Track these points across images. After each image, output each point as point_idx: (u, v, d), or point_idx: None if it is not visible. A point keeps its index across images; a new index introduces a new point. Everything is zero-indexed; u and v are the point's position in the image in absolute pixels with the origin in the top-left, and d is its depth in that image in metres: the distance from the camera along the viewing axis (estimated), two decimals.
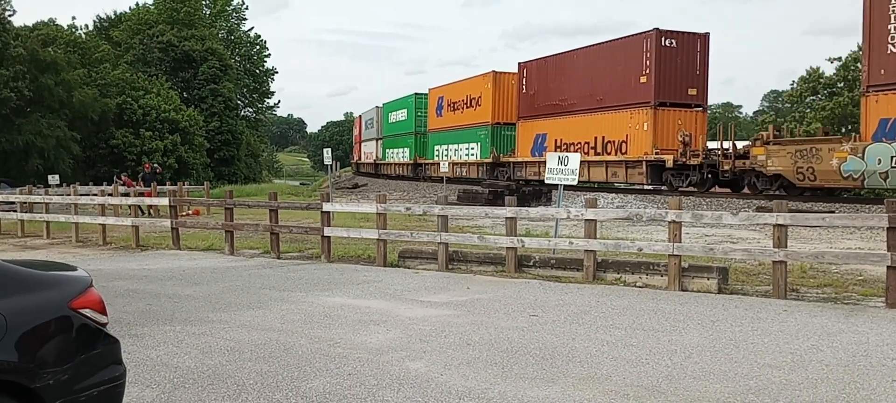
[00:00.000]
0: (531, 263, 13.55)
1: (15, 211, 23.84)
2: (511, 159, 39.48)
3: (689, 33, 30.59)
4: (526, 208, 15.20)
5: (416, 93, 52.92)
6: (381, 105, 60.57)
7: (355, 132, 77.33)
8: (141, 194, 29.62)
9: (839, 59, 44.88)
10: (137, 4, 77.99)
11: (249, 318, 9.51)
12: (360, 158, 70.15)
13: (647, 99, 29.93)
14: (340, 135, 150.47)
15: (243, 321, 9.34)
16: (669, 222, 11.90)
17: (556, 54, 36.83)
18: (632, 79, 30.75)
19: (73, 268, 5.15)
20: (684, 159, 28.57)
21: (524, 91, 38.41)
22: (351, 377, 6.80)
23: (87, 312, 4.63)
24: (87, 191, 31.97)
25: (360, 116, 72.48)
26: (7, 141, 47.15)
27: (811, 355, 7.51)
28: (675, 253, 11.66)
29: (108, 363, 4.76)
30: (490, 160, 40.49)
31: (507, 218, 13.84)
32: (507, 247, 13.62)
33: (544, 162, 31.22)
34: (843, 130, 37.07)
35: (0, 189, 27.61)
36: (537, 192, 32.23)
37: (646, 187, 32.42)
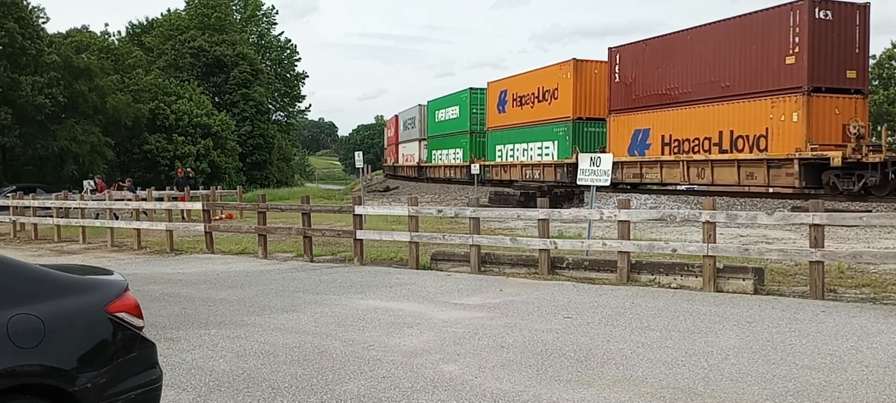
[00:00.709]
0: (564, 265, 13.47)
1: (51, 216, 24.17)
2: None
3: (845, 2, 25.29)
4: (558, 210, 15.12)
5: (470, 88, 48.66)
6: (425, 103, 58.00)
7: (389, 134, 76.63)
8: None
9: None
10: (169, 10, 78.85)
11: (283, 321, 9.54)
12: (396, 161, 68.39)
13: (797, 83, 24.78)
14: (371, 138, 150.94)
15: (277, 324, 9.38)
16: (704, 223, 11.77)
17: (658, 36, 31.70)
18: (773, 60, 25.64)
19: (109, 272, 5.18)
20: (859, 156, 23.12)
21: (617, 80, 33.24)
22: (385, 380, 6.79)
23: (124, 316, 4.66)
24: (121, 197, 32.31)
25: (395, 117, 71.04)
26: (42, 147, 47.82)
27: (850, 356, 7.38)
28: (709, 253, 11.52)
29: (145, 366, 4.78)
30: (571, 160, 33.96)
31: (539, 219, 13.77)
32: (539, 249, 13.55)
33: (647, 161, 31.03)
34: None
35: (36, 195, 27.95)
36: (569, 194, 32.09)
37: (801, 191, 25.99)
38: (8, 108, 44.68)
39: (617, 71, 33.23)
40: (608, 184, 15.23)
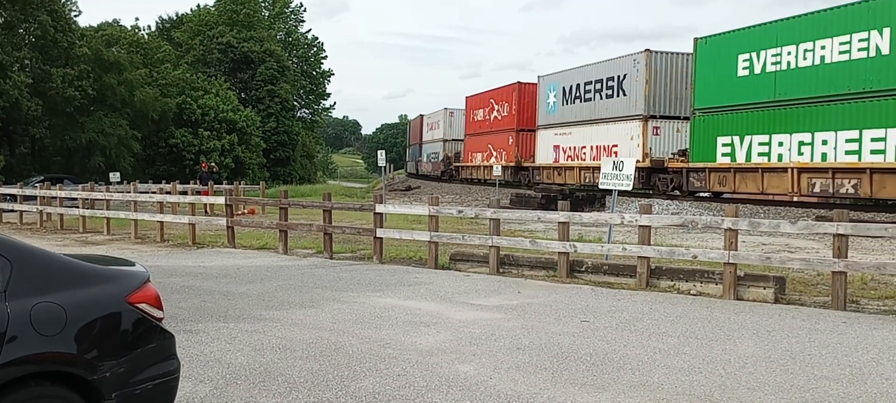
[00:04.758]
0: (583, 268, 13.44)
1: (77, 207, 24.44)
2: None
3: None
4: (578, 213, 15.07)
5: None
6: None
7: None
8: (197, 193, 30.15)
9: None
10: (198, 6, 79.49)
11: (301, 317, 9.61)
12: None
13: None
14: (394, 137, 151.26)
15: (295, 319, 9.44)
16: (726, 229, 11.70)
17: None
18: None
19: (131, 264, 5.25)
20: None
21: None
22: (400, 378, 6.82)
23: (144, 307, 4.72)
24: (146, 189, 32.68)
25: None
26: (71, 138, 48.43)
27: (871, 368, 7.32)
28: (730, 261, 11.46)
29: (163, 357, 4.84)
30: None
31: (559, 222, 13.75)
32: (559, 252, 13.53)
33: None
34: None
35: (63, 185, 28.27)
36: (591, 197, 31.94)
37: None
38: (38, 100, 45.27)
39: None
40: (630, 188, 15.16)
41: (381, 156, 30.31)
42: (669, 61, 32.76)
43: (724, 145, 28.04)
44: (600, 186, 15.50)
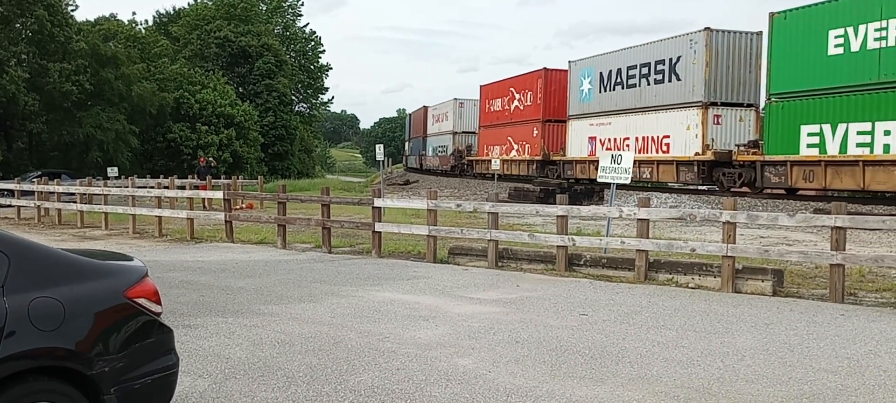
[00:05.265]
0: (582, 262, 13.44)
1: (75, 202, 24.42)
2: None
3: None
4: (577, 206, 15.09)
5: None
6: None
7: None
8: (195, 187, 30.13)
9: None
10: (195, 0, 79.31)
11: (300, 311, 9.61)
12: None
13: None
14: (393, 131, 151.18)
15: (294, 314, 9.44)
16: (724, 223, 11.70)
17: None
18: None
19: (130, 259, 5.24)
20: None
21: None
22: (399, 372, 6.83)
23: (143, 301, 4.72)
24: (144, 184, 32.64)
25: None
26: (68, 133, 48.37)
27: (868, 360, 7.33)
28: (728, 254, 11.46)
29: (162, 352, 4.84)
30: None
31: (557, 216, 13.75)
32: (557, 246, 13.53)
33: None
34: None
35: (61, 180, 28.24)
36: (589, 191, 31.95)
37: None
38: (35, 95, 45.22)
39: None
40: (629, 182, 15.12)
41: (379, 150, 30.39)
42: (732, 41, 29.40)
43: (810, 135, 24.35)
44: (599, 180, 15.49)
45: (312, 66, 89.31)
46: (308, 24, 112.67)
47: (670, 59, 30.93)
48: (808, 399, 6.14)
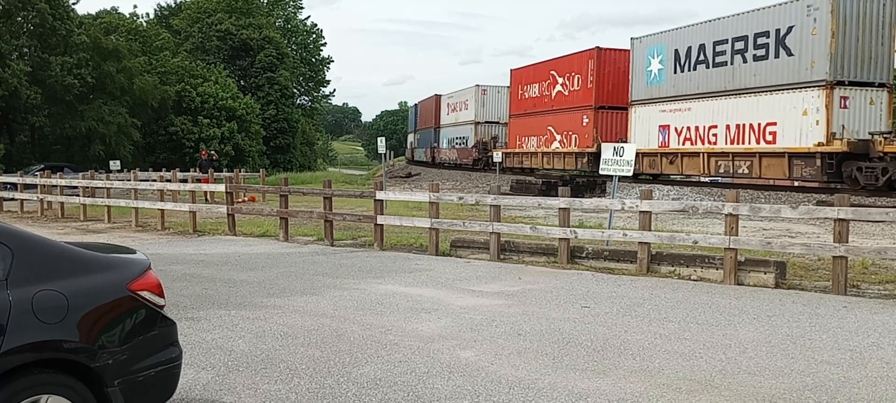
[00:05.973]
0: (584, 254, 13.44)
1: (78, 195, 24.43)
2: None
3: None
4: (579, 199, 15.07)
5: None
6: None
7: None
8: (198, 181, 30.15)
9: None
10: None
11: (302, 304, 9.62)
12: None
13: None
14: (394, 124, 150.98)
15: (296, 306, 9.46)
16: (726, 215, 11.70)
17: None
18: None
19: (133, 252, 5.25)
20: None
21: None
22: (402, 364, 6.84)
23: (146, 294, 4.73)
24: (146, 177, 32.66)
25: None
26: (70, 127, 48.35)
27: (871, 352, 7.33)
28: (731, 246, 11.46)
29: (165, 344, 4.85)
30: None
31: (560, 208, 13.75)
32: (559, 238, 13.53)
33: None
34: None
35: (63, 174, 28.24)
36: (591, 184, 31.90)
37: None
38: (37, 88, 45.21)
39: None
40: (631, 174, 15.07)
41: (381, 143, 30.31)
42: (861, 5, 24.17)
43: None
44: (600, 172, 15.46)
45: (314, 59, 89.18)
46: (309, 16, 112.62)
47: (777, 31, 25.87)
48: (811, 391, 6.15)
